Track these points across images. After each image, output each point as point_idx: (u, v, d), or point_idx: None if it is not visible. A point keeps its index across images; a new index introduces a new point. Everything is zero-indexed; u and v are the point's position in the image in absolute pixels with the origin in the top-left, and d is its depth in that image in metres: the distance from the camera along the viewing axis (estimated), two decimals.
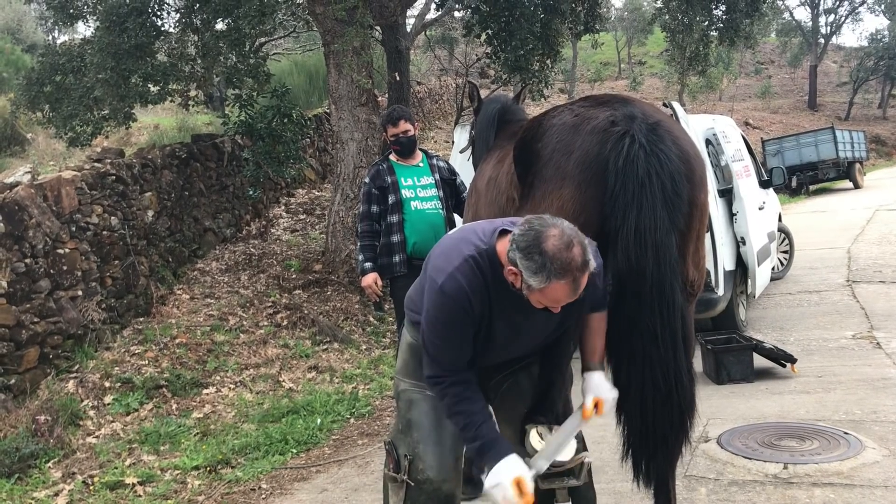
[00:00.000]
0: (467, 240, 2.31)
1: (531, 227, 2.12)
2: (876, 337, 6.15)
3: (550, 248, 2.06)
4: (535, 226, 2.11)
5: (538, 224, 2.12)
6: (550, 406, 2.57)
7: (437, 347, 2.29)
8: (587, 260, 2.09)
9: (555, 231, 2.09)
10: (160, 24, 8.68)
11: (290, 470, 4.68)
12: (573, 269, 2.06)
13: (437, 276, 2.26)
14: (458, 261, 2.24)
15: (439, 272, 2.26)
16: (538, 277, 2.07)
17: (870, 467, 3.71)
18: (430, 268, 2.33)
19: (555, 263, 2.05)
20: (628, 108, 2.78)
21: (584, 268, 2.09)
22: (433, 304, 2.26)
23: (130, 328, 6.71)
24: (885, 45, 36.34)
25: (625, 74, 38.71)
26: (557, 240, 2.07)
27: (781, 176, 8.37)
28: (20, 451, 4.74)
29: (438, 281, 2.24)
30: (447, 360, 2.29)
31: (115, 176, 6.99)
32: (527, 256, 2.08)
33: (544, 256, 2.05)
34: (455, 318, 2.23)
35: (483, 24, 9.99)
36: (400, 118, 4.58)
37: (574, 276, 2.07)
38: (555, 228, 2.10)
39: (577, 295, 2.14)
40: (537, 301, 2.16)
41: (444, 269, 2.25)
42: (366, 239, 4.59)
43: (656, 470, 2.71)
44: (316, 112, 13.15)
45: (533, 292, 2.12)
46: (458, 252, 2.27)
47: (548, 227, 2.10)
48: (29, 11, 21.75)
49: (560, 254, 2.05)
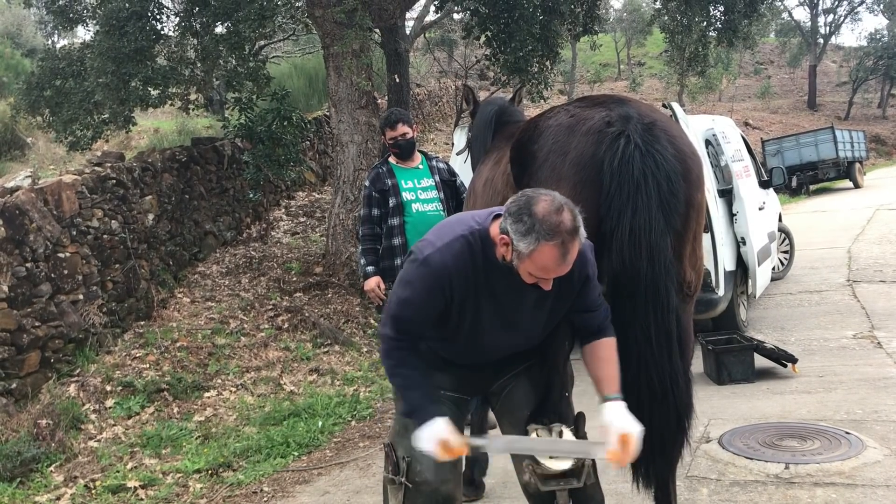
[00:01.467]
0: (462, 221, 2.34)
1: (524, 194, 2.18)
2: (877, 336, 6.14)
3: (540, 211, 2.09)
4: (528, 193, 2.17)
5: (531, 192, 2.18)
6: (553, 407, 2.56)
7: (400, 304, 2.30)
8: (577, 226, 2.11)
9: (546, 197, 2.14)
10: (160, 28, 8.69)
11: (291, 472, 4.68)
12: (562, 231, 2.08)
13: (424, 247, 2.28)
14: (449, 237, 2.26)
15: (427, 245, 2.28)
16: (527, 240, 2.09)
17: (871, 467, 3.71)
18: (420, 241, 2.35)
19: (544, 225, 2.07)
20: (624, 108, 2.78)
21: (574, 233, 2.10)
22: (412, 270, 2.27)
23: (131, 332, 6.71)
24: (885, 44, 36.36)
25: (624, 75, 38.73)
26: (548, 204, 2.11)
27: (781, 176, 8.37)
28: (22, 455, 4.74)
29: (424, 252, 2.26)
30: (405, 319, 2.30)
31: (116, 180, 7.00)
32: (517, 219, 2.11)
33: (533, 218, 2.09)
34: (430, 289, 2.25)
35: (482, 25, 9.99)
36: (398, 121, 4.57)
37: (563, 239, 2.08)
38: (547, 195, 2.15)
39: (567, 265, 2.14)
40: (527, 273, 2.16)
41: (432, 243, 2.27)
42: (367, 242, 4.59)
43: (656, 472, 2.70)
44: (316, 115, 13.16)
45: (523, 260, 2.13)
46: (450, 230, 2.30)
47: (540, 194, 2.16)
48: (29, 16, 21.80)
49: (549, 216, 2.08)
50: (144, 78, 8.27)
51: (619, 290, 2.57)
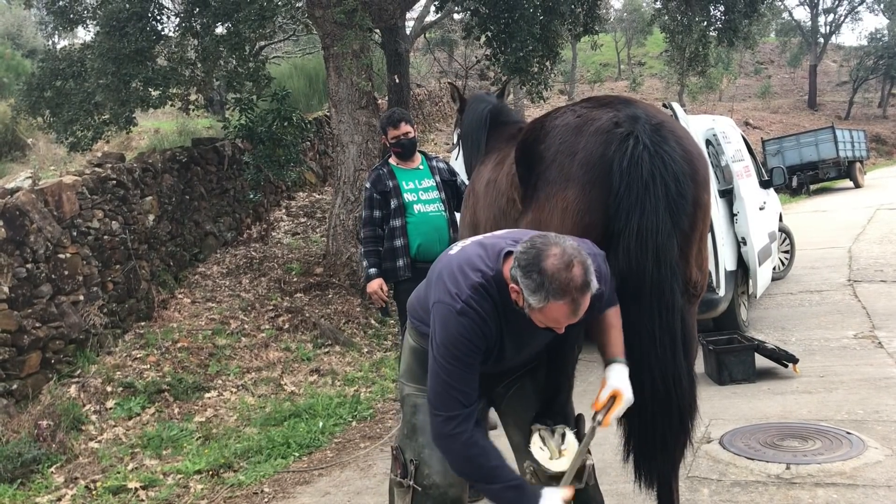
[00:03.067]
0: (473, 265, 2.24)
1: (533, 244, 2.09)
2: (878, 336, 6.14)
3: (549, 267, 2.03)
4: (537, 244, 2.09)
5: (540, 242, 2.09)
6: (559, 410, 2.56)
7: (450, 371, 2.18)
8: (588, 281, 2.05)
9: (556, 250, 2.05)
10: (160, 29, 8.69)
11: (292, 473, 4.68)
12: (572, 289, 2.03)
13: (451, 301, 2.19)
14: (468, 287, 2.19)
15: (451, 297, 2.19)
16: (536, 296, 2.04)
17: (872, 467, 3.70)
18: (438, 292, 2.26)
19: (553, 283, 2.02)
20: (631, 108, 2.78)
21: (584, 289, 2.05)
22: (451, 326, 2.17)
23: (132, 332, 6.71)
24: (885, 44, 36.38)
25: (624, 75, 38.74)
26: (557, 259, 2.03)
27: (782, 176, 8.37)
28: (22, 457, 4.74)
29: (456, 306, 2.17)
30: (460, 385, 2.19)
31: (116, 180, 6.99)
32: (526, 275, 2.06)
33: (543, 275, 2.03)
34: (473, 340, 2.18)
35: (482, 26, 9.99)
36: (400, 120, 4.59)
37: (573, 297, 2.04)
38: (556, 247, 2.06)
39: (578, 317, 2.10)
40: (539, 321, 2.13)
41: (456, 295, 2.19)
42: (369, 244, 4.60)
43: (658, 471, 2.70)
44: (316, 115, 13.16)
45: (533, 311, 2.10)
46: (465, 278, 2.21)
47: (549, 246, 2.07)
48: (29, 17, 21.80)
49: (559, 273, 2.02)
50: (145, 79, 8.27)
51: (625, 290, 2.57)
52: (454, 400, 2.20)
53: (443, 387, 2.20)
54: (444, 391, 2.20)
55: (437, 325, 2.22)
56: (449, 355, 2.18)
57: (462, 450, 2.20)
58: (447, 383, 2.19)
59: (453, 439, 2.20)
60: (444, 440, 2.22)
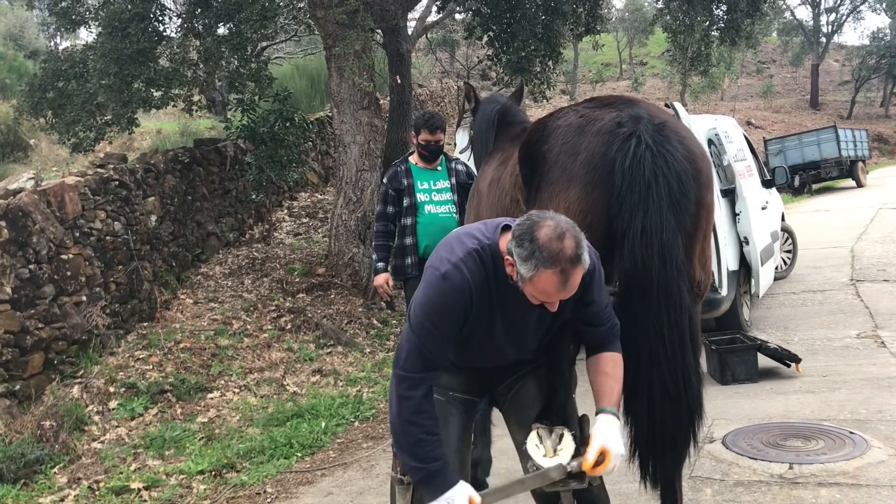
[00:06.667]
0: (471, 234, 2.30)
1: (529, 217, 2.15)
2: (880, 336, 6.13)
3: (542, 237, 2.07)
4: (534, 217, 2.14)
5: (536, 216, 2.14)
6: (559, 410, 2.56)
7: (425, 333, 2.22)
8: (579, 254, 2.08)
9: (550, 222, 2.10)
10: (162, 30, 8.70)
11: (294, 474, 4.68)
12: (562, 259, 2.05)
13: (439, 264, 2.24)
14: (462, 252, 2.23)
15: (442, 261, 2.24)
16: (527, 265, 2.07)
17: (875, 467, 3.70)
18: (432, 258, 2.31)
19: (544, 251, 2.05)
20: (634, 108, 2.78)
21: (575, 261, 2.07)
22: (433, 289, 2.22)
23: (134, 333, 6.72)
24: (887, 43, 36.34)
25: (626, 75, 38.73)
26: (550, 230, 2.08)
27: (784, 175, 8.36)
28: (26, 457, 4.75)
29: (441, 269, 2.22)
30: (429, 350, 2.23)
31: (119, 181, 7.00)
32: (519, 244, 2.10)
33: (534, 244, 2.06)
34: (453, 306, 2.21)
35: (484, 26, 9.99)
36: (437, 128, 4.68)
37: (563, 267, 2.06)
38: (551, 220, 2.11)
39: (569, 291, 2.12)
40: (531, 295, 2.15)
41: (447, 259, 2.23)
42: (380, 239, 4.73)
43: (664, 471, 2.70)
44: (318, 116, 13.16)
45: (525, 284, 2.12)
46: (461, 245, 2.26)
47: (544, 219, 2.12)
48: (31, 18, 21.84)
49: (550, 243, 2.05)
50: (147, 79, 8.28)
51: (632, 290, 2.57)
52: (418, 362, 2.23)
53: (412, 346, 2.24)
54: (412, 351, 2.24)
55: (421, 287, 2.28)
56: (425, 317, 2.22)
57: (407, 411, 2.22)
58: (416, 345, 2.23)
59: (405, 400, 2.23)
60: (396, 398, 2.25)
